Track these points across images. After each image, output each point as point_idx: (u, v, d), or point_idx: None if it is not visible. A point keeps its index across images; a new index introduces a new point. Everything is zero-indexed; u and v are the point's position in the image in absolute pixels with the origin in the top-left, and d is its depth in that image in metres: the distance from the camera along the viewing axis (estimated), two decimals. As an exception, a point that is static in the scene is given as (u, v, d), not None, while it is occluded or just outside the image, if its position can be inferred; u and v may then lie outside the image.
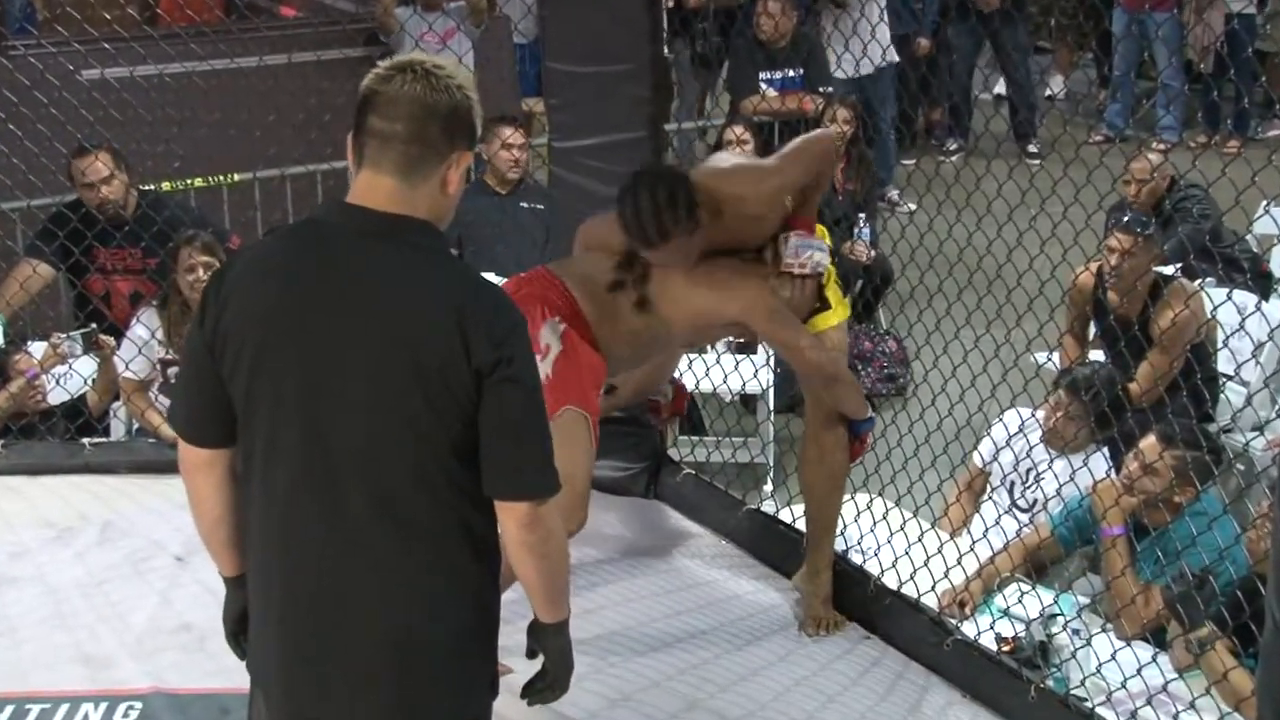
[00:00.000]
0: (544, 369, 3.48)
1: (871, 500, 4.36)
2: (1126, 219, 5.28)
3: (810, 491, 4.03)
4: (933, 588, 4.10)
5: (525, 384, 2.34)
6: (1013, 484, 4.83)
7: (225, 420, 2.42)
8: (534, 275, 3.76)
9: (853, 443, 3.96)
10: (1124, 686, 3.62)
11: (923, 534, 4.14)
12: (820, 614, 4.04)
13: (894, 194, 8.03)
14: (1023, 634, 3.97)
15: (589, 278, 3.73)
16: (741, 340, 5.59)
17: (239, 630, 2.59)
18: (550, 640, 2.53)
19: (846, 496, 4.30)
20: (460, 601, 2.41)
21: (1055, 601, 4.03)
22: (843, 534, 4.27)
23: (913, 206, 7.80)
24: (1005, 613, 4.15)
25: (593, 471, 3.69)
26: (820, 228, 3.85)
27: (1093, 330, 5.45)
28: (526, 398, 2.35)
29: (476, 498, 2.37)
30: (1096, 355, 5.35)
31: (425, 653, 2.40)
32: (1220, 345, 5.45)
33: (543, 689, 2.57)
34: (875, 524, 4.28)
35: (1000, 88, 9.41)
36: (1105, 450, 4.66)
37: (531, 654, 2.57)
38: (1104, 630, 4.00)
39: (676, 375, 4.52)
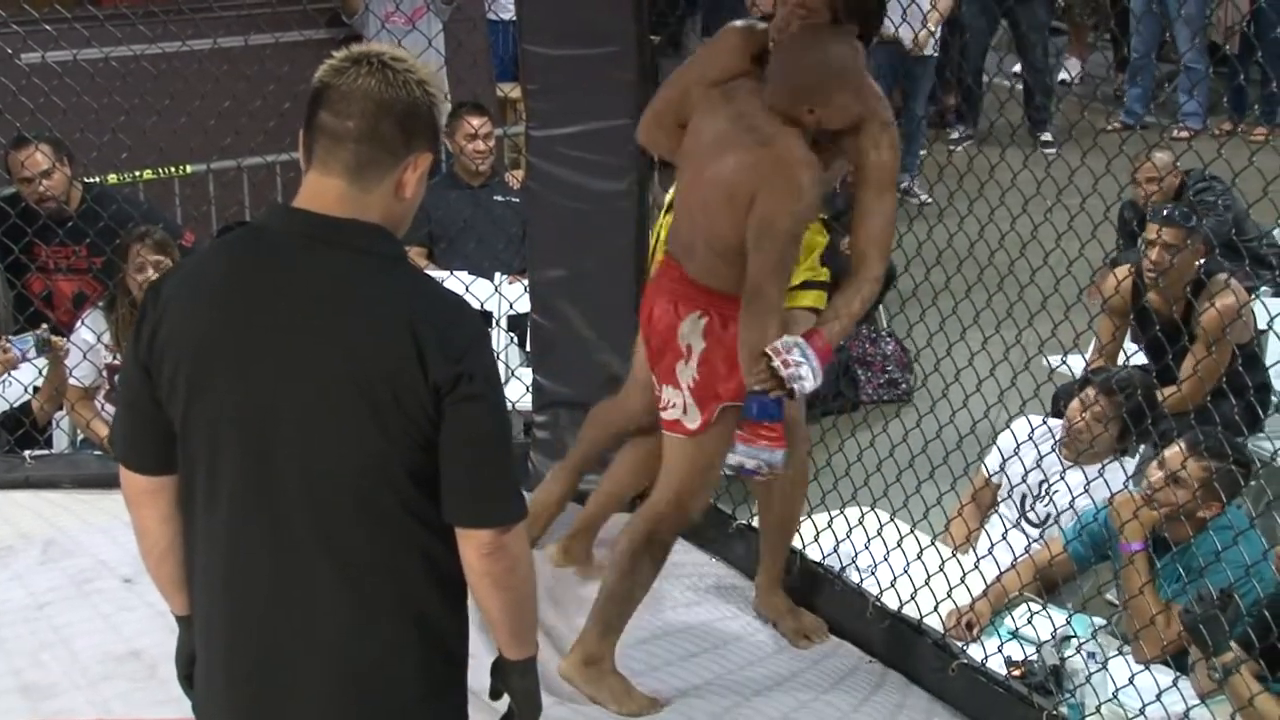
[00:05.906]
0: (689, 374, 3.42)
1: (864, 513, 4.36)
2: (1167, 211, 5.27)
3: (769, 488, 3.89)
4: (936, 608, 4.10)
5: (489, 400, 2.31)
6: (1023, 496, 4.84)
7: (168, 445, 2.39)
8: (663, 270, 3.59)
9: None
10: (1143, 713, 3.63)
11: (923, 550, 4.15)
12: (799, 626, 4.07)
13: (913, 185, 8.09)
14: (1034, 657, 3.99)
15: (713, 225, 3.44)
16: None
17: (193, 673, 2.56)
18: (516, 679, 2.50)
19: (835, 510, 4.31)
20: (423, 640, 2.39)
21: (1069, 622, 4.05)
22: (836, 550, 4.27)
23: (927, 198, 7.86)
24: (1015, 634, 4.17)
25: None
26: (820, 239, 3.83)
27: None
28: (490, 416, 2.32)
29: (438, 527, 2.34)
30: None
31: (387, 699, 2.38)
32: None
33: None
34: (871, 539, 4.28)
35: (1016, 69, 9.41)
36: (1123, 461, 4.67)
37: (495, 695, 2.54)
38: (1121, 653, 4.01)
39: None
